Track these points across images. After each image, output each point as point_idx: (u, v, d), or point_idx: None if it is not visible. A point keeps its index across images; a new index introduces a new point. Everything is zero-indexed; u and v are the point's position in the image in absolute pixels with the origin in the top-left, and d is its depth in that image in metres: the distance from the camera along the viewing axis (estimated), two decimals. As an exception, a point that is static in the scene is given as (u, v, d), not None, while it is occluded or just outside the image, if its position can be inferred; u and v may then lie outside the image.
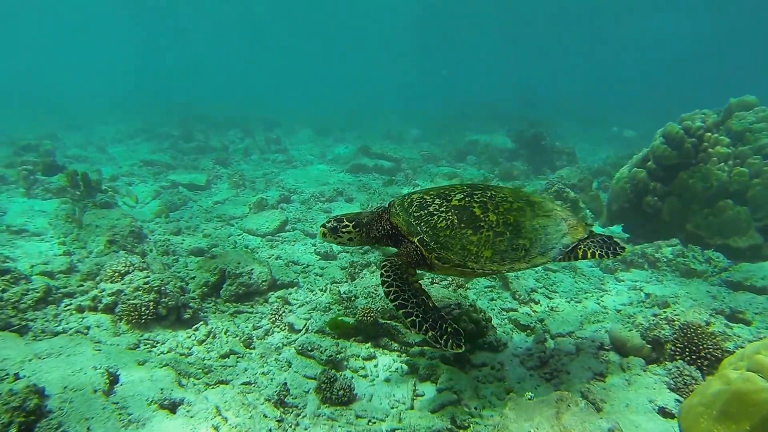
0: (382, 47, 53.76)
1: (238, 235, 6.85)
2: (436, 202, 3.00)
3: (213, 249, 6.02)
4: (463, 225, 2.87)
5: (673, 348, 3.47)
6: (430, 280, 4.74)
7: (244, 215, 7.62)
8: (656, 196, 6.50)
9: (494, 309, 4.88)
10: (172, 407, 2.79)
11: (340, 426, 3.05)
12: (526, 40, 46.99)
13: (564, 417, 2.40)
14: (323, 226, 3.22)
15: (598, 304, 5.09)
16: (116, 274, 4.10)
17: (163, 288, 3.95)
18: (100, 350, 3.24)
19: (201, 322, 4.09)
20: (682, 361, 3.31)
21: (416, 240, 2.92)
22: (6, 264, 4.33)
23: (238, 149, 14.00)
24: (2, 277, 3.90)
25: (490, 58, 51.93)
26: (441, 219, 2.90)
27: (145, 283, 3.93)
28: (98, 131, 17.61)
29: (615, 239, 3.21)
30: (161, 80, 38.98)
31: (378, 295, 4.42)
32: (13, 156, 10.42)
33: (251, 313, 4.45)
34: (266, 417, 2.80)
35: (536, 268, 5.63)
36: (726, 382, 2.01)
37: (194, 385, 3.15)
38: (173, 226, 6.97)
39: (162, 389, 2.92)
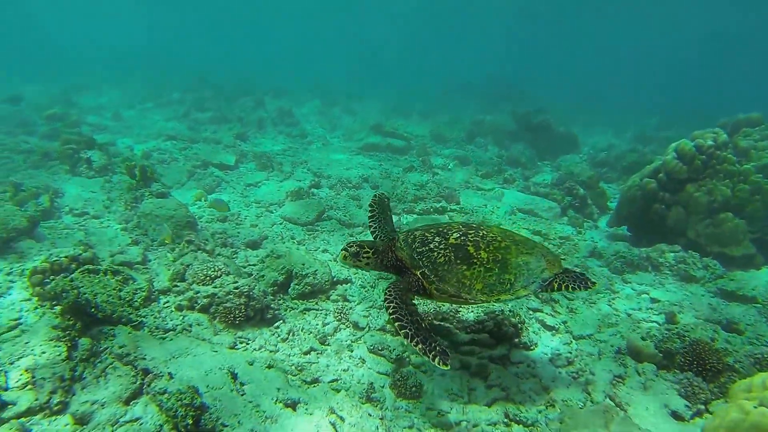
0: (387, 19, 52.31)
1: (280, 224, 7.38)
2: (436, 239, 3.55)
3: (265, 241, 6.57)
4: (458, 261, 3.43)
5: (682, 360, 4.23)
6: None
7: (281, 202, 8.11)
8: (663, 205, 7.19)
9: (522, 308, 5.60)
10: (293, 405, 3.45)
11: (416, 417, 3.76)
12: (540, 19, 45.86)
13: (611, 426, 3.12)
14: (345, 249, 3.67)
15: (610, 306, 5.84)
16: (207, 277, 4.68)
17: (250, 292, 4.54)
18: (216, 351, 3.86)
19: (280, 321, 4.71)
20: (691, 373, 4.06)
21: (419, 273, 3.48)
22: (85, 253, 4.84)
23: (252, 121, 14.22)
24: (115, 278, 4.45)
25: (499, 32, 50.88)
26: (440, 255, 3.45)
27: (236, 288, 4.51)
28: (107, 93, 17.55)
29: (586, 275, 3.80)
30: (167, 40, 37.99)
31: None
32: (46, 125, 10.67)
33: (318, 310, 5.07)
34: (371, 416, 3.49)
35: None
36: (744, 412, 2.72)
37: (298, 385, 3.80)
38: (216, 213, 7.47)
39: (278, 388, 3.58)
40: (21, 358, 3.67)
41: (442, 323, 4.82)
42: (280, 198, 8.28)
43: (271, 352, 4.31)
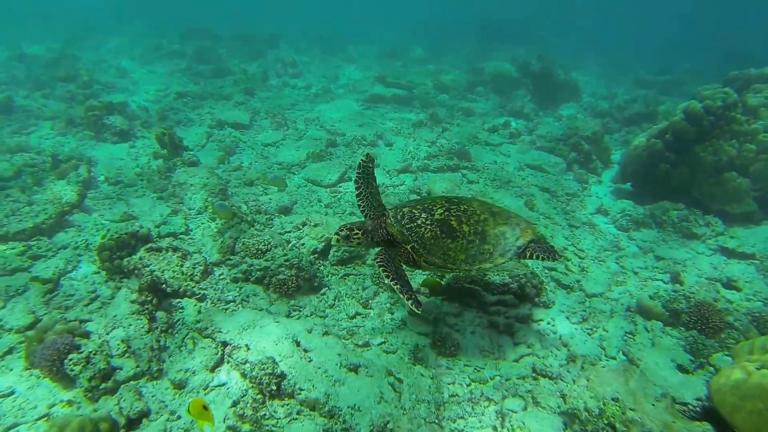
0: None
1: (305, 186, 7.63)
2: (422, 216, 3.85)
3: (295, 206, 6.86)
4: (444, 235, 3.78)
5: (687, 318, 4.74)
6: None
7: (302, 163, 8.30)
8: (669, 165, 7.50)
9: (538, 267, 6.04)
10: (355, 369, 3.92)
11: (456, 374, 4.28)
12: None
13: (630, 382, 3.63)
14: (337, 233, 3.92)
15: (617, 263, 6.31)
16: (258, 251, 5.03)
17: (300, 263, 4.91)
18: (278, 322, 4.28)
19: (326, 287, 5.12)
20: (695, 331, 4.59)
21: (409, 247, 3.84)
22: (141, 230, 5.14)
23: (256, 73, 14.00)
24: (176, 254, 4.79)
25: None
26: (427, 230, 3.78)
27: (286, 261, 4.88)
28: (106, 45, 17.05)
29: (554, 248, 4.20)
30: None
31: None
32: (61, 88, 10.56)
33: (356, 275, 5.48)
34: (423, 376, 3.99)
35: (563, 230, 6.77)
36: (747, 373, 3.20)
37: (352, 349, 4.27)
38: (245, 176, 7.69)
39: (339, 354, 4.04)
40: (114, 329, 4.08)
41: (472, 286, 5.26)
42: (300, 158, 8.45)
43: (321, 317, 4.76)
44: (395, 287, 3.56)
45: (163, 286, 4.48)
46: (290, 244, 5.64)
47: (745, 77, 8.03)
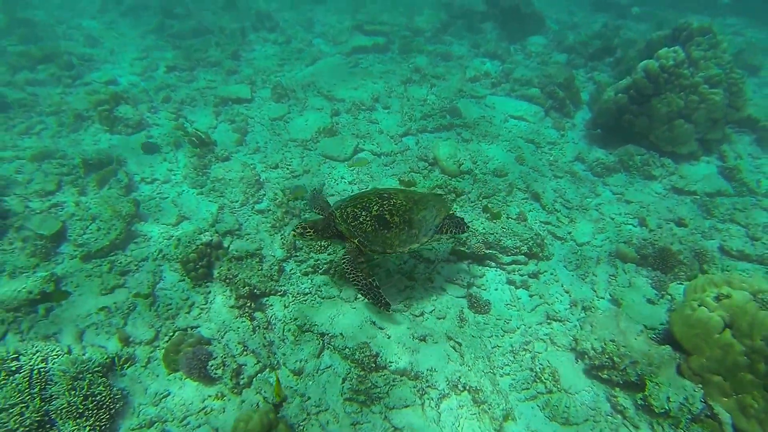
0: None
1: (324, 162, 8.21)
2: (362, 213, 4.74)
3: (324, 188, 7.54)
4: (381, 227, 4.74)
5: (653, 260, 6.04)
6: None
7: (315, 138, 8.75)
8: (632, 115, 8.47)
9: (536, 222, 7.13)
10: (424, 338, 5.02)
11: (491, 327, 5.46)
12: None
13: (620, 323, 4.90)
14: (293, 230, 4.82)
15: (597, 211, 7.49)
16: (321, 246, 5.86)
17: (356, 254, 5.79)
18: (355, 308, 5.27)
19: (377, 267, 6.08)
20: (658, 271, 5.91)
21: (356, 241, 4.81)
22: (213, 238, 5.85)
23: (235, 30, 13.51)
24: (253, 259, 5.57)
25: None
26: (368, 225, 4.73)
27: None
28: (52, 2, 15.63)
29: (463, 221, 5.36)
30: None
31: (476, 231, 6.46)
32: (43, 71, 10.17)
33: (394, 252, 6.42)
34: (473, 336, 5.15)
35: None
36: (692, 309, 4.50)
37: (412, 319, 5.35)
38: (267, 160, 8.17)
39: (408, 327, 5.11)
40: (226, 332, 4.99)
41: (489, 251, 6.33)
42: (311, 134, 8.84)
43: (379, 294, 5.76)
44: (360, 293, 4.76)
45: (255, 290, 5.32)
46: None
47: (688, 31, 8.80)
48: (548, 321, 5.58)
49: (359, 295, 5.43)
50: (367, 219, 4.73)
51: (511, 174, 8.03)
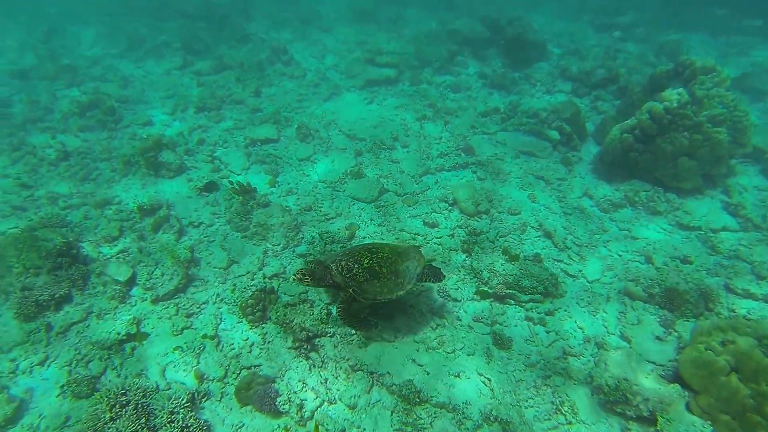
0: None
1: (353, 203, 9.04)
2: (355, 267, 5.41)
3: (357, 230, 8.34)
4: (371, 278, 5.43)
5: (660, 299, 6.83)
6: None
7: (343, 179, 9.60)
8: (637, 153, 9.28)
9: (550, 260, 7.93)
10: (458, 375, 5.83)
11: (514, 362, 6.24)
12: None
13: (632, 363, 5.68)
14: (294, 275, 5.41)
15: (606, 247, 8.28)
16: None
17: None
18: (397, 348, 6.08)
19: (410, 307, 6.87)
20: (666, 310, 6.70)
21: (350, 290, 5.52)
22: (269, 286, 6.67)
23: (252, 65, 14.42)
24: (304, 305, 6.39)
25: None
26: (361, 276, 5.40)
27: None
28: (83, 37, 16.67)
29: (440, 270, 6.30)
30: None
31: (497, 272, 7.27)
32: (92, 119, 11.08)
33: (423, 290, 7.23)
34: (500, 372, 5.94)
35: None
36: (698, 352, 5.28)
37: (445, 356, 6.15)
38: (300, 201, 9.01)
39: (443, 365, 5.92)
40: (287, 371, 5.80)
41: (509, 291, 7.13)
42: (338, 175, 9.67)
43: (414, 332, 6.57)
44: (354, 329, 5.86)
45: (309, 333, 6.14)
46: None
47: (691, 69, 9.62)
48: (564, 356, 6.37)
49: (397, 336, 6.27)
50: (360, 271, 5.43)
51: (524, 212, 8.85)
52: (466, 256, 7.81)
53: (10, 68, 14.10)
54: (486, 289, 7.11)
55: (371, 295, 5.47)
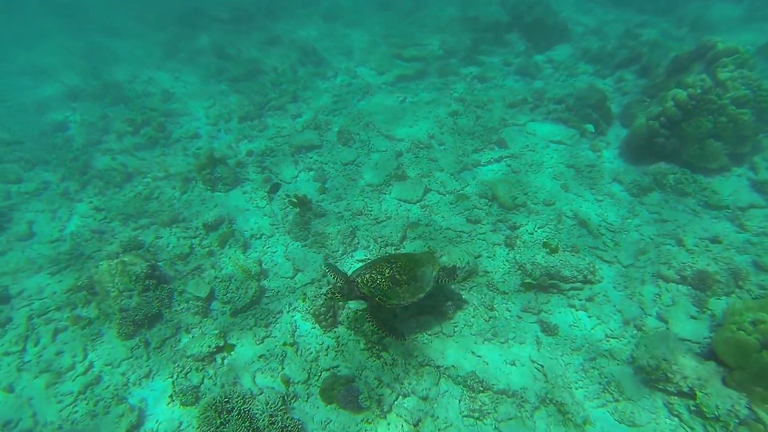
0: None
1: (400, 205, 9.69)
2: (378, 278, 5.97)
3: (408, 230, 9.01)
4: (394, 286, 6.00)
5: (692, 281, 7.39)
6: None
7: (387, 183, 10.21)
8: (664, 138, 9.65)
9: (586, 248, 8.49)
10: (514, 363, 6.57)
11: (561, 347, 6.94)
12: None
13: (669, 344, 6.33)
14: (325, 295, 6.29)
15: (638, 232, 8.78)
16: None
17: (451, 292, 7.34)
18: (457, 342, 6.84)
19: (465, 302, 7.59)
20: (698, 291, 7.27)
21: (377, 299, 6.02)
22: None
23: (286, 70, 14.94)
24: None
25: None
26: (385, 285, 5.97)
27: (444, 297, 7.30)
28: (120, 49, 17.34)
29: (454, 271, 7.15)
30: None
31: (539, 264, 7.90)
32: (142, 136, 11.86)
33: (474, 285, 7.92)
34: (550, 358, 6.67)
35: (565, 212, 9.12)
36: (731, 332, 5.86)
37: (500, 345, 6.88)
38: (351, 206, 9.68)
39: (500, 354, 6.66)
40: (363, 371, 6.62)
41: (552, 281, 7.77)
42: (383, 178, 10.19)
43: (469, 326, 7.29)
44: (383, 335, 6.51)
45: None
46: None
47: (713, 53, 9.81)
48: (607, 339, 7.05)
49: (455, 330, 7.03)
50: (383, 281, 6.02)
51: (558, 202, 9.39)
52: (509, 250, 8.45)
53: (62, 90, 14.88)
54: (530, 280, 7.77)
55: (396, 301, 6.02)
